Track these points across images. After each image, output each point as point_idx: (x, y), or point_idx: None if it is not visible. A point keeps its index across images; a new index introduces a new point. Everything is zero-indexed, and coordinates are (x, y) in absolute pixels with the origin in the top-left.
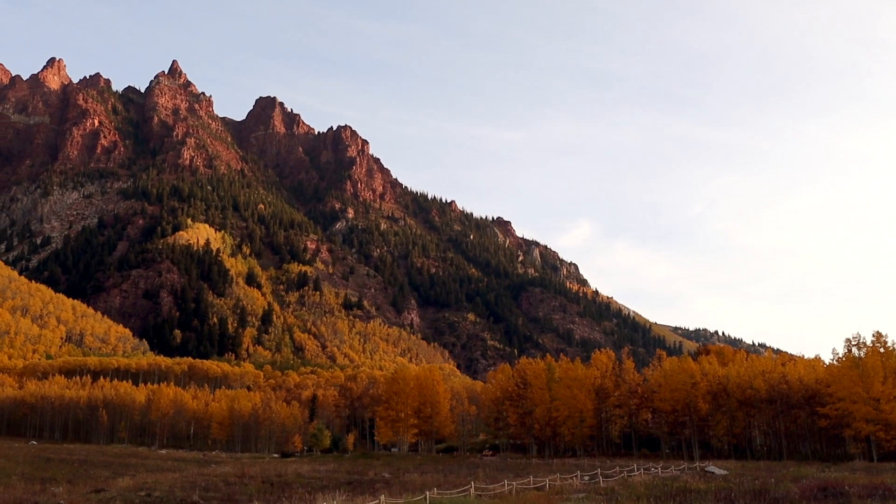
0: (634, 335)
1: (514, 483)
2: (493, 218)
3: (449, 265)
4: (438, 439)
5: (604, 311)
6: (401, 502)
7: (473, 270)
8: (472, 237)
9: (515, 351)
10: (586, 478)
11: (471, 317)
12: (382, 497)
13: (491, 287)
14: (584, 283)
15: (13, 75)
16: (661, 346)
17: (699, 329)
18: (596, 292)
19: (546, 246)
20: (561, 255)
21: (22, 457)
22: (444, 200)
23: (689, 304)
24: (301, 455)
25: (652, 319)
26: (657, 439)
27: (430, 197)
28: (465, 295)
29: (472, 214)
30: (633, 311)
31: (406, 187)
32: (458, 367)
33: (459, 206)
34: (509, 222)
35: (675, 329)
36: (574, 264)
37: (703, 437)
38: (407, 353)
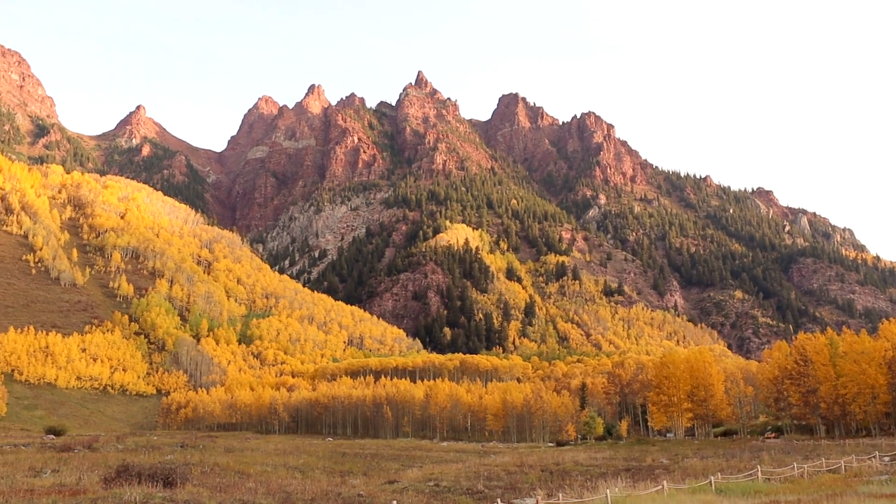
0: None
1: (804, 466)
2: (752, 189)
3: (709, 242)
4: (715, 423)
5: (888, 278)
6: (685, 488)
7: (736, 246)
8: (731, 211)
9: (790, 327)
10: (886, 459)
11: (738, 294)
12: (665, 483)
13: (757, 261)
14: (861, 248)
15: (280, 106)
16: None
17: None
18: (877, 258)
19: (815, 213)
20: (832, 222)
21: (321, 452)
22: (697, 176)
23: None
24: (575, 443)
25: None
26: None
27: (682, 174)
28: (730, 272)
29: (729, 188)
30: None
31: (657, 167)
32: (729, 347)
33: (715, 180)
34: (770, 192)
35: None
36: (849, 230)
37: None
38: (673, 337)
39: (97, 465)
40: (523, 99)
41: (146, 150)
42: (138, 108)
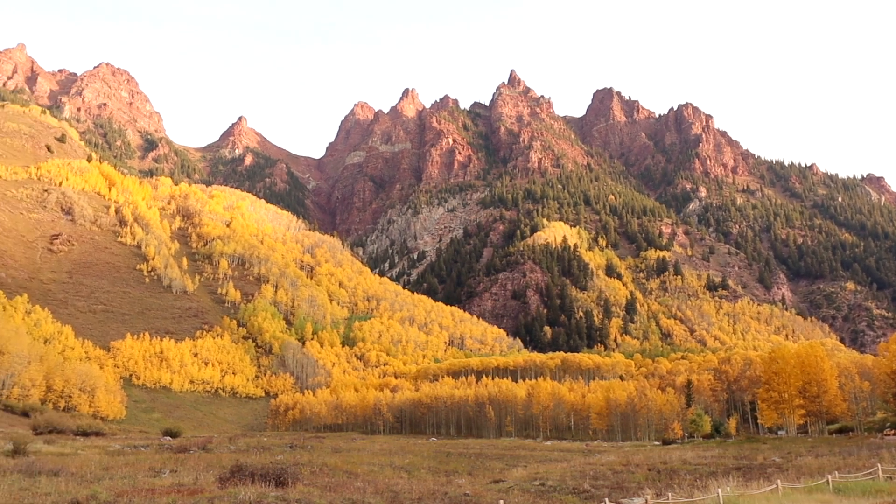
0: None
1: None
2: (861, 176)
3: (817, 233)
4: (829, 420)
5: None
6: (800, 487)
7: (846, 235)
8: (840, 199)
9: None
10: None
11: (850, 286)
12: (779, 482)
13: (869, 251)
14: None
15: (376, 111)
16: None
17: None
18: None
19: None
20: None
21: (425, 452)
22: (803, 165)
23: None
24: (682, 442)
25: None
26: None
27: (786, 163)
28: (840, 263)
29: (836, 175)
30: None
31: (758, 157)
32: (842, 340)
33: (821, 168)
34: (882, 178)
35: None
36: None
37: None
38: (781, 331)
39: (212, 465)
40: (618, 93)
41: (248, 160)
42: (240, 119)
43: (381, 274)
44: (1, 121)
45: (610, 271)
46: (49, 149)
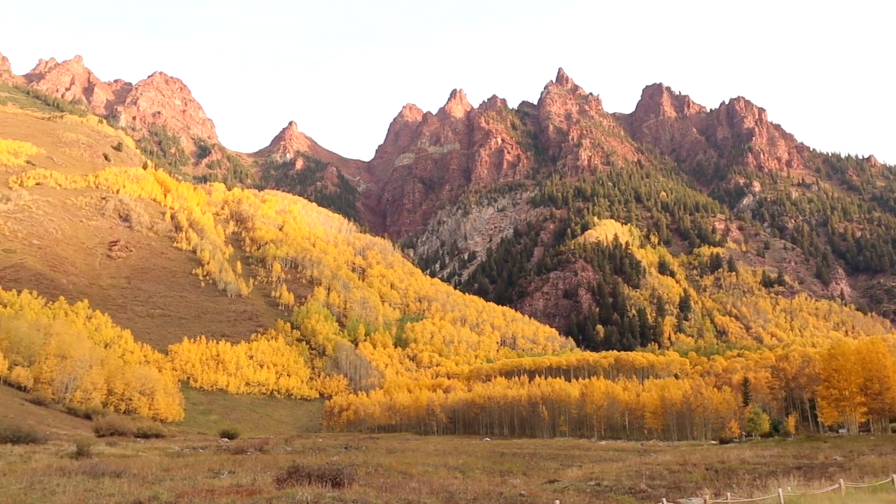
0: None
1: None
2: None
3: (877, 226)
4: (892, 417)
5: None
6: (864, 486)
7: None
8: None
9: None
10: None
11: None
12: (841, 481)
13: None
14: None
15: (424, 112)
16: None
17: None
18: None
19: None
20: None
21: (479, 452)
22: (860, 157)
23: None
24: (739, 441)
25: None
26: None
27: (843, 156)
28: None
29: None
30: None
31: (814, 150)
32: None
33: (879, 160)
34: None
35: None
36: None
37: None
38: (841, 327)
39: (269, 466)
40: (667, 88)
41: (299, 164)
42: (290, 123)
43: (432, 275)
44: (60, 131)
45: (663, 269)
46: (106, 157)
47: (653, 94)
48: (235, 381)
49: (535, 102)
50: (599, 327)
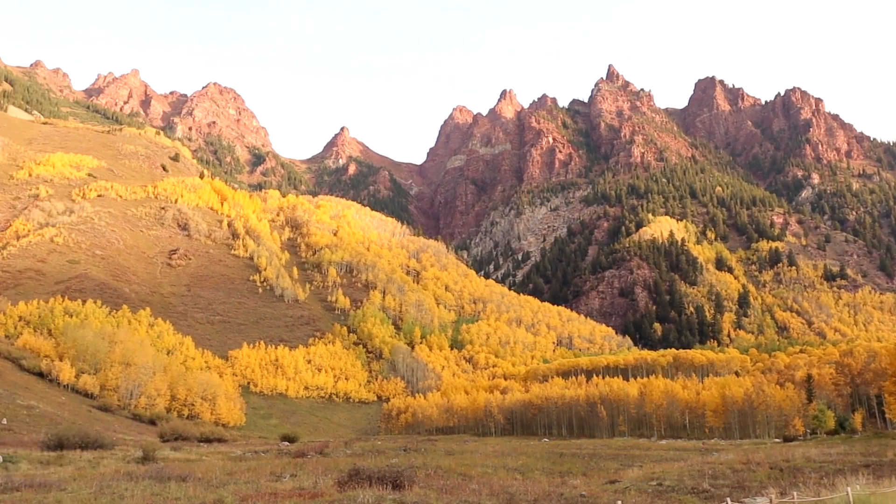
0: None
1: None
2: None
3: None
4: None
5: None
6: None
7: None
8: None
9: None
10: None
11: None
12: None
13: None
14: None
15: (474, 114)
16: None
17: None
18: None
19: None
20: None
21: (538, 453)
22: None
23: None
24: (804, 438)
25: None
26: None
27: None
28: None
29: None
30: None
31: (874, 139)
32: None
33: None
34: None
35: None
36: None
37: None
38: None
39: (330, 469)
40: (720, 81)
41: (352, 169)
42: (342, 129)
43: (487, 276)
44: (119, 144)
45: (720, 265)
46: (164, 168)
47: (705, 87)
48: (294, 386)
49: (586, 100)
50: (657, 325)
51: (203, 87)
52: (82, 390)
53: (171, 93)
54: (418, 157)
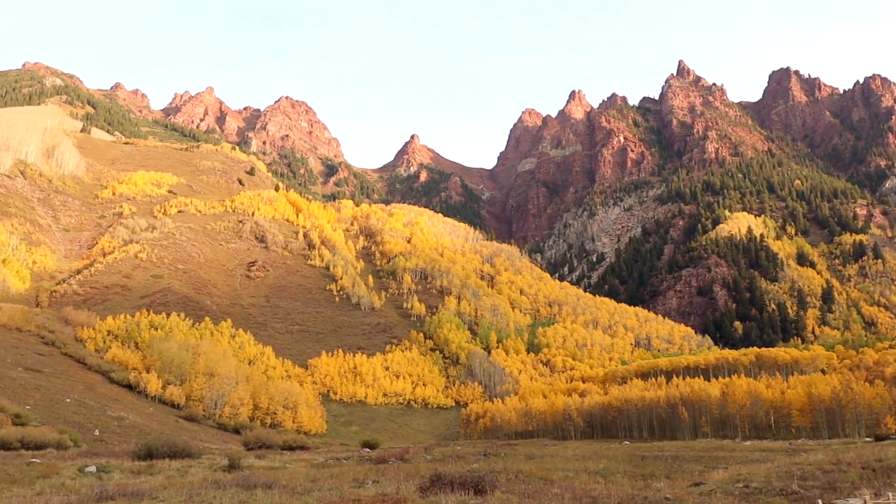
0: None
1: None
2: None
3: None
4: None
5: None
6: None
7: None
8: None
9: None
10: None
11: None
12: None
13: None
14: None
15: (544, 116)
16: None
17: None
18: None
19: None
20: None
21: (619, 456)
22: None
23: None
24: None
25: None
26: None
27: None
28: None
29: None
30: None
31: None
32: None
33: None
34: None
35: None
36: None
37: None
38: None
39: (411, 474)
40: (796, 72)
41: (423, 176)
42: (412, 137)
43: (561, 278)
44: (197, 160)
45: (801, 260)
46: (240, 182)
47: (780, 79)
48: (373, 393)
49: (657, 98)
50: (737, 324)
51: (275, 102)
52: (169, 401)
53: (245, 108)
54: (488, 162)
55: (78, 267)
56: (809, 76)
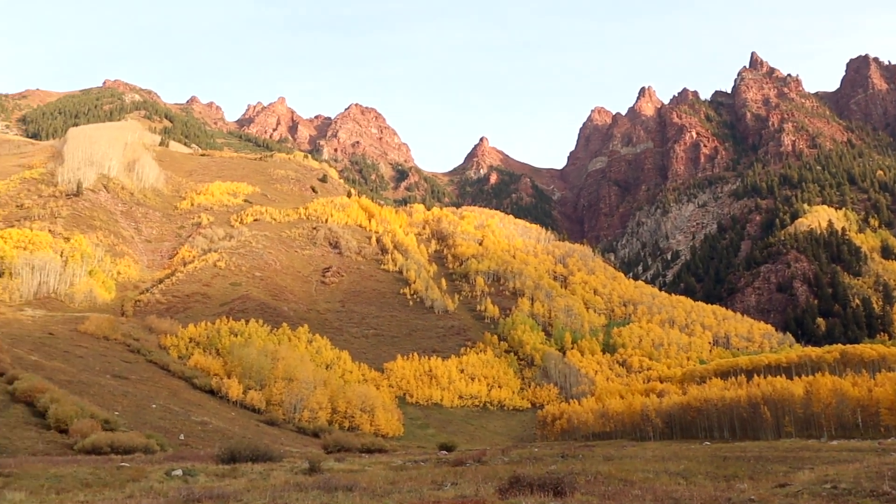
0: None
1: None
2: None
3: None
4: None
5: None
6: None
7: None
8: None
9: None
10: None
11: None
12: None
13: None
14: None
15: (613, 114)
16: None
17: None
18: None
19: None
20: None
21: (700, 457)
22: None
23: None
24: None
25: None
26: None
27: None
28: None
29: None
30: None
31: None
32: None
33: None
34: None
35: None
36: None
37: None
38: None
39: (489, 476)
40: (875, 59)
41: (493, 179)
42: (482, 139)
43: (635, 277)
44: (271, 169)
45: (886, 253)
46: (313, 189)
47: (858, 67)
48: (449, 395)
49: (729, 91)
50: (820, 320)
51: (345, 109)
52: (250, 406)
53: (316, 116)
54: (558, 162)
55: (160, 276)
56: (889, 63)
